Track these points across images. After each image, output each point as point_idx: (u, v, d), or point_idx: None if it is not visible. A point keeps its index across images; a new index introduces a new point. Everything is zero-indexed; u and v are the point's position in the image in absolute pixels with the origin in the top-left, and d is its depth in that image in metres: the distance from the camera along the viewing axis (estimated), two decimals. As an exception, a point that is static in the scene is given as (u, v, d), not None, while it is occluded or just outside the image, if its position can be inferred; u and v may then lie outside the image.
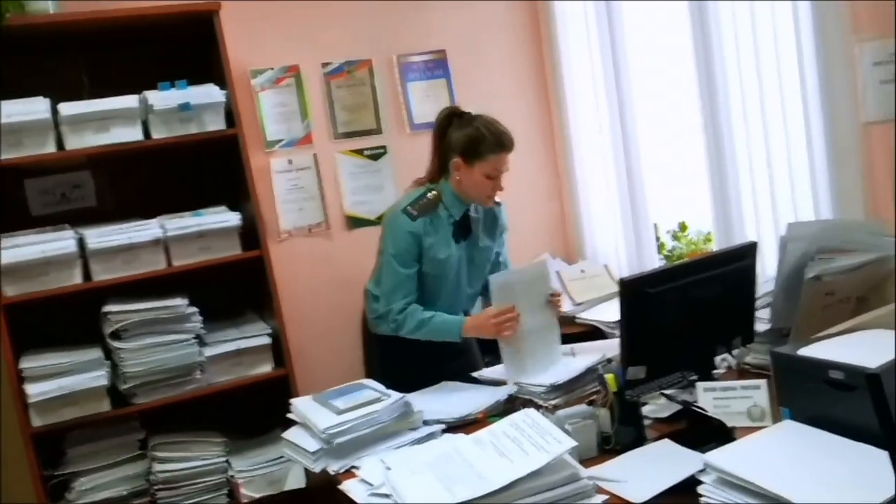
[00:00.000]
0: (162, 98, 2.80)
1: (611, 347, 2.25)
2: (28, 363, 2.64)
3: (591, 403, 1.92)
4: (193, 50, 2.97)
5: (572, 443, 1.57)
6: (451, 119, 2.50)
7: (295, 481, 2.78)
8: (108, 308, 2.73)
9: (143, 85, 2.82)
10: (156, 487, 2.80)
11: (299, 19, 3.36)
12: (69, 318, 2.79)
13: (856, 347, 1.59)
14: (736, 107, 2.75)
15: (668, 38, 3.10)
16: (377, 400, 2.02)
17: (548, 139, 3.82)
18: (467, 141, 2.43)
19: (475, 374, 2.44)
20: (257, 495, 2.88)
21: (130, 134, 2.78)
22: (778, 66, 2.54)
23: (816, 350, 1.62)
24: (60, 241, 2.69)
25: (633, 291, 1.86)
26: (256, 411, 3.01)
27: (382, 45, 3.50)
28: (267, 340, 2.95)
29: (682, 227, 3.48)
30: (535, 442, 1.59)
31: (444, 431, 2.02)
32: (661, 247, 3.39)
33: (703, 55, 2.84)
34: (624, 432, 1.82)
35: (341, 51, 3.43)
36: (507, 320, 2.27)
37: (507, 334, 2.28)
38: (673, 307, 1.90)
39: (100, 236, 2.73)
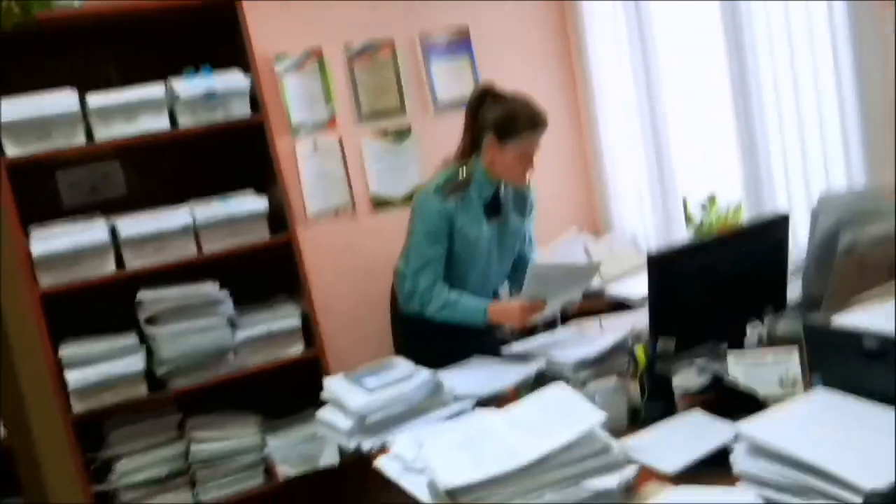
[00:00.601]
0: (188, 86, 2.83)
1: (639, 319, 2.24)
2: (67, 351, 2.70)
3: (620, 377, 1.92)
4: (216, 36, 2.99)
5: (602, 416, 1.57)
6: (485, 97, 2.46)
7: (329, 458, 2.82)
8: (142, 295, 2.79)
9: (166, 72, 2.86)
10: (194, 467, 2.86)
11: (320, 1, 3.34)
12: (104, 305, 2.84)
13: (889, 316, 1.57)
14: (766, 74, 2.71)
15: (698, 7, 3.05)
16: (408, 378, 2.04)
17: (573, 111, 3.79)
18: (501, 120, 2.40)
19: (504, 350, 2.45)
20: (293, 472, 2.93)
21: (158, 123, 2.82)
22: (810, 31, 2.50)
23: (848, 318, 1.60)
24: (93, 231, 2.74)
25: (661, 267, 1.85)
26: (289, 393, 3.05)
27: (404, 24, 3.48)
28: (297, 323, 2.99)
29: (712, 199, 3.44)
30: (565, 416, 1.59)
31: (475, 407, 2.04)
32: (688, 219, 3.36)
33: (731, 19, 2.79)
34: (654, 405, 1.82)
35: (363, 31, 3.42)
36: (535, 313, 2.32)
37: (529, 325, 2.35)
38: (702, 282, 1.88)
39: (131, 225, 2.78)
